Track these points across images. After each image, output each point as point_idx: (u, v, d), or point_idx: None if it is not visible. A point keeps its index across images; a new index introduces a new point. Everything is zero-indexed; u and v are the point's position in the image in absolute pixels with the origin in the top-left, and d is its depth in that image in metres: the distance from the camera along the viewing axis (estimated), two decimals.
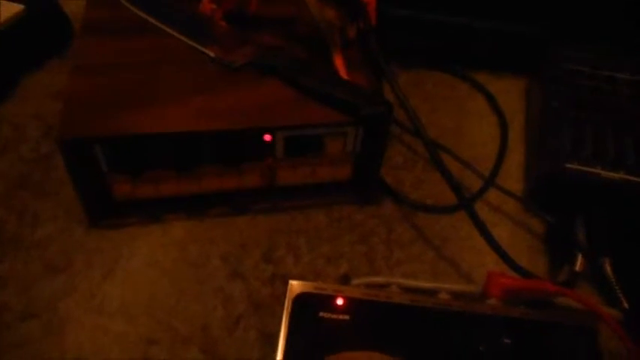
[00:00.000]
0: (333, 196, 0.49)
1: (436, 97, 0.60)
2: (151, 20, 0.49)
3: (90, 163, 0.41)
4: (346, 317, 0.36)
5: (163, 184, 0.45)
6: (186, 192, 0.46)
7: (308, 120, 0.43)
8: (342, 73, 0.46)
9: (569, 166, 0.46)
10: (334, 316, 0.36)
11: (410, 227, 0.48)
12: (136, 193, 0.44)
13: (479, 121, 0.59)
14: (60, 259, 0.43)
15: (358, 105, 0.42)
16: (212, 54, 0.46)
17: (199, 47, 0.46)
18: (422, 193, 0.51)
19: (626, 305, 0.41)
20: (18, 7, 0.57)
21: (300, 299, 0.37)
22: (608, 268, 0.43)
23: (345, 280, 0.42)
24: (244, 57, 0.46)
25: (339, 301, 0.36)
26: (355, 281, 0.41)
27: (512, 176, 0.53)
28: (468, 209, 0.43)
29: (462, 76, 0.65)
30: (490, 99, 0.62)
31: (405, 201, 0.50)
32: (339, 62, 0.46)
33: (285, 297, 0.36)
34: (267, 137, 0.42)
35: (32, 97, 0.56)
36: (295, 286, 0.37)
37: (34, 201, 0.47)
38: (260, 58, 0.46)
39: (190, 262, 0.44)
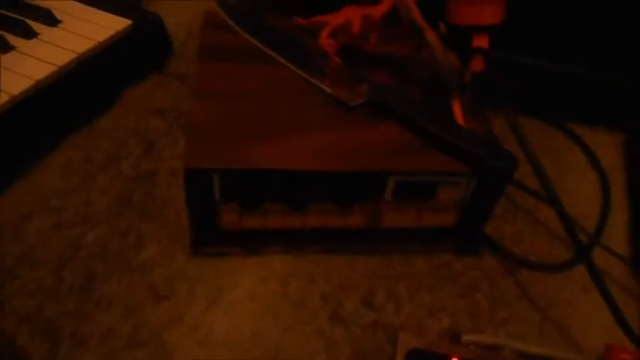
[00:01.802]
0: (432, 242, 0.48)
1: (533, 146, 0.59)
2: (265, 49, 0.49)
3: (205, 192, 0.41)
4: None
5: (270, 216, 0.44)
6: (289, 226, 0.45)
7: (425, 167, 0.42)
8: (460, 118, 0.45)
9: None
10: None
11: (513, 284, 0.47)
12: (242, 223, 0.44)
13: (578, 176, 0.57)
14: (164, 285, 0.42)
15: (482, 157, 0.41)
16: (328, 89, 0.46)
17: (316, 82, 0.46)
18: (523, 247, 0.50)
19: None
20: (126, 22, 0.58)
21: (413, 356, 0.36)
22: None
23: (454, 337, 0.41)
24: (361, 95, 0.45)
25: None
26: (465, 337, 0.40)
27: (618, 237, 0.51)
28: (587, 263, 0.41)
29: (558, 125, 0.63)
30: (588, 152, 0.60)
31: (508, 255, 0.48)
32: (457, 107, 0.45)
33: (392, 349, 0.35)
34: None
35: (132, 111, 0.57)
36: (406, 340, 0.36)
37: (136, 221, 0.47)
38: (377, 97, 0.45)
39: (291, 298, 0.43)
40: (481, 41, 0.49)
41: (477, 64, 0.48)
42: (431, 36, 0.44)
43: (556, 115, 0.64)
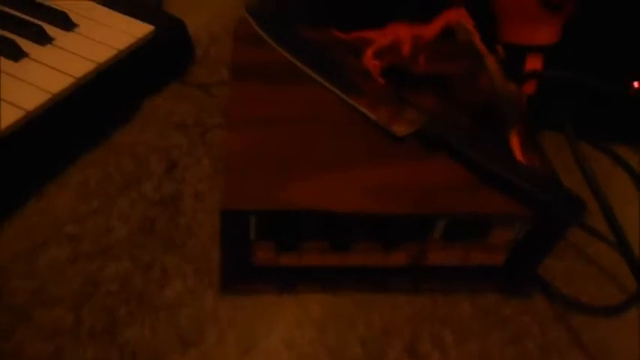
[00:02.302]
0: (478, 282, 0.44)
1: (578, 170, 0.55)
2: (303, 67, 0.45)
3: (241, 231, 0.37)
4: None
5: (307, 254, 0.40)
6: (327, 264, 0.41)
7: (482, 209, 0.38)
8: (518, 154, 0.41)
9: None
10: None
11: (565, 329, 0.43)
12: (278, 260, 0.40)
13: (627, 204, 0.54)
14: (192, 328, 0.39)
15: (547, 201, 0.37)
16: (373, 117, 0.42)
17: (359, 107, 0.42)
18: (575, 287, 0.46)
19: None
20: (148, 28, 0.53)
21: None
22: None
23: None
24: (409, 125, 0.41)
25: None
26: None
27: None
28: None
29: (602, 148, 0.59)
30: (636, 178, 0.56)
31: (560, 297, 0.44)
32: (514, 142, 0.41)
33: None
34: None
35: (153, 124, 0.53)
36: None
37: (160, 253, 0.43)
38: (427, 128, 0.41)
39: (329, 347, 0.40)
40: (535, 62, 0.45)
41: (530, 87, 0.44)
42: (491, 63, 0.40)
43: (599, 135, 0.60)
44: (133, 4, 0.55)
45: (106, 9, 0.54)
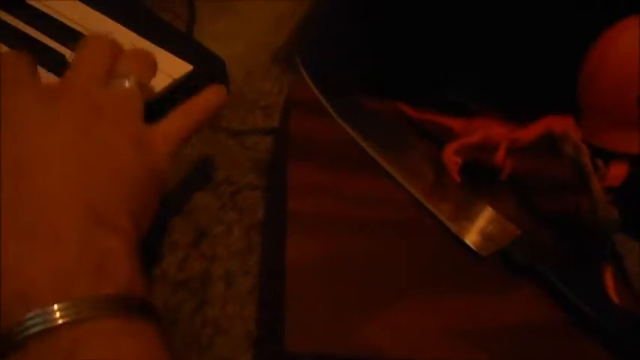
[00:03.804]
0: None
1: None
2: (373, 154, 0.38)
3: None
4: None
5: None
6: None
7: None
8: (612, 292, 0.35)
9: None
10: None
11: None
12: None
13: None
14: None
15: None
16: (455, 229, 0.36)
17: (441, 217, 0.36)
18: None
19: None
20: (187, 67, 0.46)
21: None
22: None
23: None
24: (494, 242, 0.36)
25: None
26: None
27: None
28: None
29: None
30: None
31: None
32: (609, 278, 0.36)
33: None
34: None
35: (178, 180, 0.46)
36: None
37: (182, 354, 0.36)
38: (514, 248, 0.35)
39: None
40: (620, 169, 0.40)
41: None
42: (596, 184, 0.35)
43: None
44: (170, 35, 0.48)
45: (140, 38, 0.46)
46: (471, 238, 0.35)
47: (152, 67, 0.36)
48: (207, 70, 0.48)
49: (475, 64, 0.50)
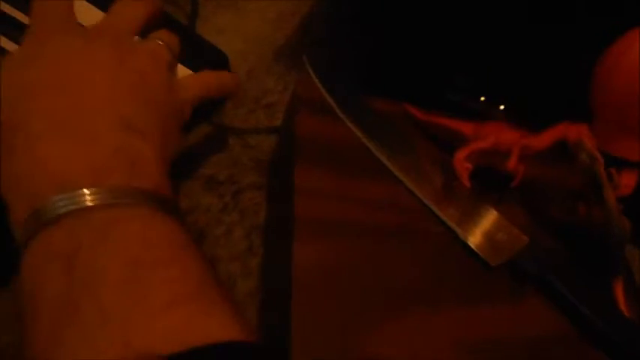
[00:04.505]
0: None
1: None
2: (377, 154, 0.37)
3: None
4: None
5: None
6: None
7: None
8: (622, 304, 0.35)
9: None
10: None
11: None
12: None
13: None
14: None
15: None
16: (463, 236, 0.35)
17: (450, 224, 0.35)
18: None
19: None
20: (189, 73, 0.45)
21: None
22: None
23: None
24: (503, 252, 0.35)
25: None
26: None
27: None
28: None
29: None
30: None
31: None
32: (619, 290, 0.35)
33: None
34: None
35: (179, 177, 0.44)
36: None
37: None
38: (523, 258, 0.34)
39: None
40: (630, 178, 0.39)
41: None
42: (610, 194, 0.34)
43: None
44: (175, 30, 0.46)
45: None
46: (480, 246, 0.35)
47: (177, 41, 0.38)
48: (210, 65, 0.47)
49: (483, 66, 0.49)
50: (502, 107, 0.40)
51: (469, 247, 0.34)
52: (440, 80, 0.47)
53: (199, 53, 0.46)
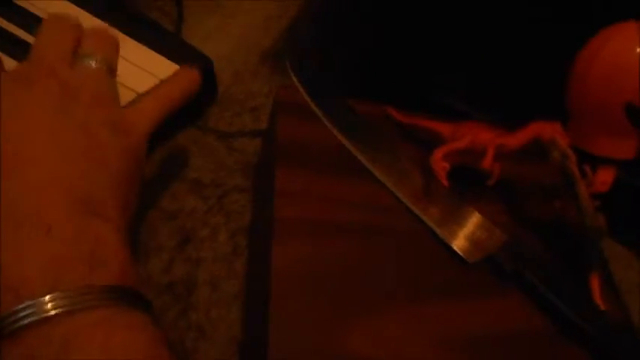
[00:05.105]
0: None
1: None
2: (356, 154, 0.38)
3: None
4: None
5: None
6: None
7: None
8: (597, 297, 0.35)
9: None
10: None
11: None
12: None
13: None
14: None
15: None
16: (442, 234, 0.35)
17: (428, 222, 0.36)
18: None
19: None
20: (173, 67, 0.46)
21: None
22: None
23: None
24: (481, 249, 0.35)
25: None
26: None
27: None
28: None
29: None
30: None
31: None
32: (595, 284, 0.36)
33: None
34: None
35: (164, 181, 0.45)
36: None
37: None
38: (501, 255, 0.35)
39: None
40: (607, 174, 0.40)
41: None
42: (583, 190, 0.35)
43: None
44: (157, 35, 0.47)
45: (135, 43, 0.45)
46: (459, 244, 0.35)
47: (115, 45, 0.36)
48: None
49: (463, 67, 0.49)
50: (480, 106, 0.41)
51: (448, 245, 0.35)
52: (422, 81, 0.48)
53: (184, 59, 0.46)
